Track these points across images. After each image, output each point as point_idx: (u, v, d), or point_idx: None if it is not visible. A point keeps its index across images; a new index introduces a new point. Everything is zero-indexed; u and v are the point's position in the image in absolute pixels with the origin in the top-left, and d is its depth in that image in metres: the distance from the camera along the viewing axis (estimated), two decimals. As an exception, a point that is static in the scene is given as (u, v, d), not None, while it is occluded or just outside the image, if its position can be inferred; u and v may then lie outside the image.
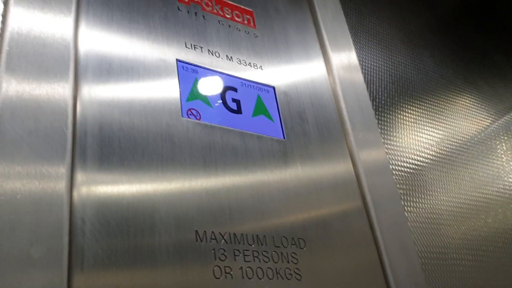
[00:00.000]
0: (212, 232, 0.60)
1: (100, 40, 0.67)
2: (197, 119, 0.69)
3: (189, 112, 0.69)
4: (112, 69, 0.65)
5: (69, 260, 0.50)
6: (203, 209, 0.61)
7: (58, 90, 0.59)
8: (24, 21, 0.61)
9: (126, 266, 0.53)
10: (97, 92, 0.62)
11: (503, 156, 1.29)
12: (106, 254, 0.52)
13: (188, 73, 0.73)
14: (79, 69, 0.63)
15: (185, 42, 0.75)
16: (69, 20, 0.65)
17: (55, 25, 0.63)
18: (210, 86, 0.74)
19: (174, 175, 0.62)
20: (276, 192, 0.70)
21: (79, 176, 0.55)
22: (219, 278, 0.58)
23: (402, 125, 1.09)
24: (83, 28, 0.66)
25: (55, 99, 0.58)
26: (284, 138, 0.77)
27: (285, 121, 0.79)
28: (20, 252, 0.48)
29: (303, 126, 0.81)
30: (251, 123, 0.75)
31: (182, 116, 0.67)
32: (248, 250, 0.61)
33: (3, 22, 0.60)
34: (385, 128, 1.04)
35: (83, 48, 0.64)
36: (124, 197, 0.57)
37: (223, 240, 0.60)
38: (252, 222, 0.65)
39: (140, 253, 0.54)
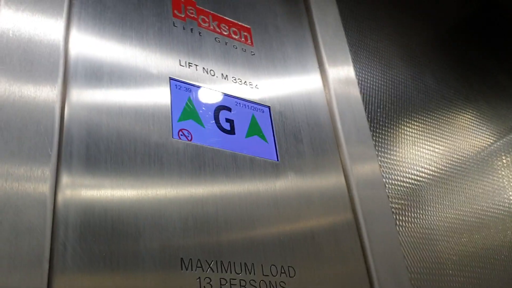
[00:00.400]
0: (198, 259, 0.58)
1: (91, 54, 0.65)
2: (188, 140, 0.67)
3: (180, 133, 0.67)
4: (102, 82, 0.64)
5: (50, 263, 0.49)
6: (189, 234, 0.59)
7: (46, 92, 0.58)
8: (14, 21, 0.60)
9: (108, 272, 0.52)
10: (87, 96, 0.61)
11: (500, 176, 1.27)
12: (88, 259, 0.51)
13: (181, 91, 0.71)
14: (69, 73, 0.61)
15: (180, 60, 0.73)
16: (60, 23, 0.63)
17: (46, 27, 0.62)
18: (203, 106, 0.72)
19: (162, 195, 0.60)
20: (266, 216, 0.68)
21: (64, 179, 0.54)
22: (203, 309, 0.56)
23: (399, 141, 1.07)
24: (73, 41, 0.65)
25: (42, 100, 0.57)
26: (277, 160, 0.75)
27: (280, 142, 0.77)
28: (0, 254, 0.47)
29: (298, 147, 0.79)
30: (244, 144, 0.73)
31: (173, 137, 0.66)
32: (235, 279, 0.59)
33: None
34: (381, 144, 1.03)
35: (73, 52, 0.63)
36: (109, 202, 0.56)
37: (209, 269, 0.58)
38: (240, 248, 0.63)
39: (124, 259, 0.53)
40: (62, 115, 0.58)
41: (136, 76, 0.67)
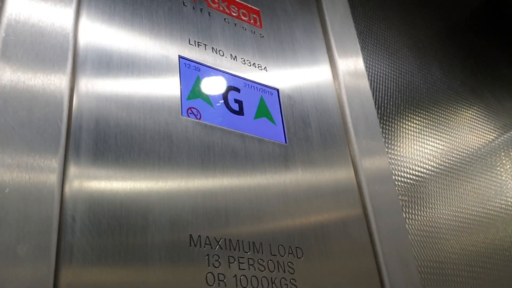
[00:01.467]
0: (207, 237, 0.58)
1: (101, 32, 0.64)
2: (197, 118, 0.66)
3: (189, 111, 0.66)
4: (112, 63, 0.63)
5: (57, 255, 0.48)
6: (198, 212, 0.59)
7: (55, 81, 0.57)
8: (23, 8, 0.59)
9: (116, 265, 0.51)
10: (95, 86, 0.60)
11: (507, 171, 1.26)
12: (95, 251, 0.50)
13: (190, 70, 0.70)
14: (78, 61, 0.60)
15: (189, 39, 0.73)
16: (70, 10, 0.62)
17: (55, 15, 0.61)
18: (212, 85, 0.71)
19: (171, 175, 0.60)
20: (275, 197, 0.67)
21: (72, 170, 0.53)
22: (211, 286, 0.55)
23: (406, 134, 1.07)
24: (84, 19, 0.64)
25: (51, 90, 0.56)
26: (286, 142, 0.74)
27: (288, 125, 0.77)
28: (7, 246, 0.45)
29: (306, 131, 0.78)
30: (253, 125, 0.72)
31: (182, 115, 0.65)
32: (243, 258, 0.59)
33: (1, 7, 0.58)
34: (389, 136, 1.02)
35: (83, 40, 0.62)
36: (118, 194, 0.54)
37: (218, 246, 0.58)
38: (249, 228, 0.62)
39: (132, 252, 0.52)
40: (70, 103, 0.57)
41: (146, 55, 0.67)
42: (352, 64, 0.96)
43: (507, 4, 1.67)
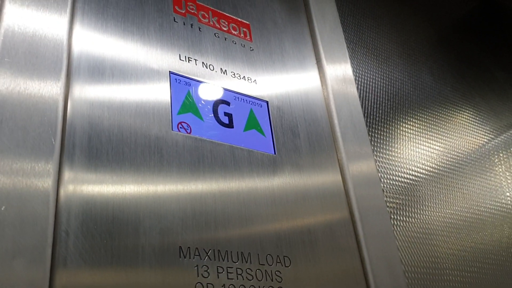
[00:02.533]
0: (196, 248, 0.60)
1: (94, 49, 0.67)
2: (187, 132, 0.69)
3: (180, 126, 0.69)
4: (104, 77, 0.65)
5: (52, 257, 0.51)
6: (188, 224, 0.61)
7: (50, 87, 0.60)
8: (19, 17, 0.62)
9: (108, 268, 0.53)
10: (88, 94, 0.63)
11: (498, 174, 1.28)
12: (89, 254, 0.53)
13: (181, 85, 0.73)
14: (72, 72, 0.63)
15: (179, 54, 0.75)
16: (64, 22, 0.65)
17: (50, 24, 0.64)
18: (202, 99, 0.74)
19: (161, 186, 0.62)
20: (263, 208, 0.70)
21: (67, 174, 0.56)
22: (201, 295, 0.57)
23: (396, 140, 1.09)
24: (76, 36, 0.66)
25: (46, 96, 0.59)
26: (275, 153, 0.77)
27: (277, 136, 0.79)
28: (3, 248, 0.48)
29: (295, 142, 0.81)
30: (243, 137, 0.75)
31: (172, 129, 0.67)
32: (231, 268, 0.61)
33: None
34: (378, 142, 1.04)
35: (76, 53, 0.65)
36: (110, 200, 0.57)
37: (207, 257, 0.60)
38: (237, 238, 0.64)
39: (123, 258, 0.55)
40: (65, 109, 0.60)
41: (137, 70, 0.69)
42: (341, 73, 0.99)
43: (497, 8, 1.69)
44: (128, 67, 0.69)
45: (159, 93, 0.69)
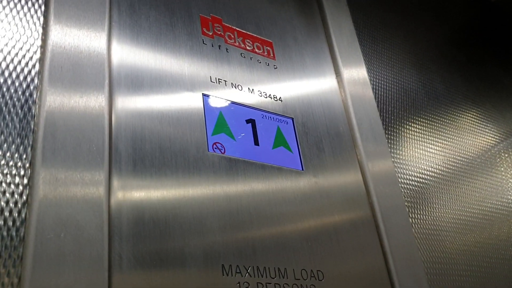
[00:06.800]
0: (237, 265, 0.63)
1: (131, 63, 0.70)
2: (221, 152, 0.72)
3: (215, 146, 0.72)
4: (142, 89, 0.68)
5: (109, 262, 0.54)
6: (228, 243, 0.64)
7: (95, 100, 0.63)
8: (62, 37, 0.65)
9: (158, 271, 0.57)
10: (130, 105, 0.66)
11: (507, 174, 1.32)
12: (139, 258, 0.57)
13: (213, 106, 0.76)
14: (113, 82, 0.67)
15: (210, 76, 0.78)
16: (103, 37, 0.68)
17: (91, 41, 0.67)
18: (233, 119, 0.77)
19: (201, 203, 0.65)
20: (296, 224, 0.73)
21: (116, 182, 0.60)
22: (243, 311, 0.60)
23: (410, 143, 1.12)
24: (115, 50, 0.69)
25: (92, 108, 0.62)
26: (302, 169, 0.80)
27: (303, 152, 0.82)
28: (67, 253, 0.52)
29: (320, 156, 0.84)
30: (272, 155, 0.78)
31: (208, 150, 0.70)
32: (270, 283, 0.64)
33: (44, 38, 0.64)
34: (394, 144, 1.07)
35: (116, 66, 0.68)
36: (155, 206, 0.61)
37: (247, 274, 0.63)
38: (274, 255, 0.67)
39: (172, 261, 0.58)
40: (110, 120, 0.64)
41: (171, 88, 0.72)
42: (359, 81, 1.02)
43: (503, 17, 1.72)
44: (163, 83, 0.72)
45: (193, 115, 0.72)
